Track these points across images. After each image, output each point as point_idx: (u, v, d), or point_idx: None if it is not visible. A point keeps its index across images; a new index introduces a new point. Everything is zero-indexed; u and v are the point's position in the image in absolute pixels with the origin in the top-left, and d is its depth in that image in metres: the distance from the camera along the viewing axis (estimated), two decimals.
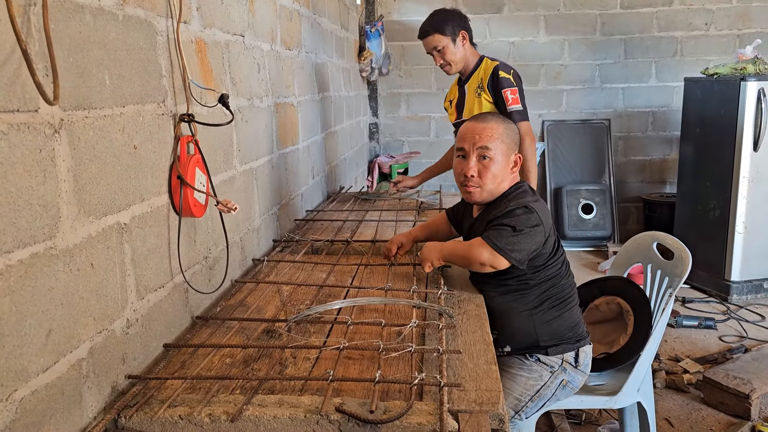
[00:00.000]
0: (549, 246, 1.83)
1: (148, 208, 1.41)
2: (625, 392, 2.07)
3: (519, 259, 1.75)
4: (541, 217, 1.77)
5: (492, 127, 1.86)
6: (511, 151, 1.88)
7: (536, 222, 1.76)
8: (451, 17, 2.88)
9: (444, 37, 2.83)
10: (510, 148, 1.87)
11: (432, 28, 2.85)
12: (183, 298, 1.60)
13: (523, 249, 1.75)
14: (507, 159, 1.87)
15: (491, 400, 1.22)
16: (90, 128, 1.18)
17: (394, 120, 5.84)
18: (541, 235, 1.77)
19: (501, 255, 1.75)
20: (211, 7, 1.82)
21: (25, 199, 1.00)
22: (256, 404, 1.19)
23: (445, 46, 2.84)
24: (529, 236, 1.75)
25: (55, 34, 1.05)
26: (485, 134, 1.84)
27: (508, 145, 1.87)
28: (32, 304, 1.01)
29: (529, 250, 1.77)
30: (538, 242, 1.77)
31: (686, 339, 3.68)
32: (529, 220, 1.76)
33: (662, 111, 5.67)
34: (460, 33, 2.83)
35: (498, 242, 1.75)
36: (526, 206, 1.78)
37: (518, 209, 1.78)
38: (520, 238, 1.74)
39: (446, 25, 2.83)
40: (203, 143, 1.64)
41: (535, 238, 1.76)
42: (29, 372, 1.01)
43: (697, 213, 4.58)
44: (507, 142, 1.87)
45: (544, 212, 1.81)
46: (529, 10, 5.54)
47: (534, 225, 1.76)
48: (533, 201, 1.82)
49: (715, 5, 5.43)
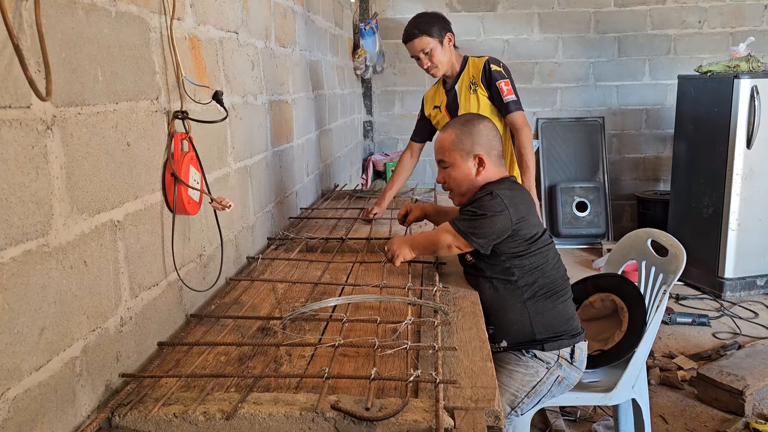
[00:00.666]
0: (525, 232, 1.84)
1: (141, 205, 1.40)
2: (620, 389, 2.08)
3: (480, 242, 1.82)
4: (506, 203, 1.81)
5: (444, 138, 1.96)
6: (470, 155, 1.93)
7: (499, 208, 1.80)
8: (436, 20, 2.88)
9: (432, 39, 2.82)
10: (467, 152, 1.93)
11: (419, 30, 2.83)
12: (177, 296, 1.60)
13: (483, 233, 1.81)
14: (466, 163, 1.93)
15: (487, 397, 1.22)
16: (83, 125, 1.17)
17: (388, 118, 5.84)
18: (505, 220, 1.80)
19: (462, 237, 1.83)
20: (204, 4, 1.81)
21: (18, 196, 0.99)
22: (251, 402, 1.18)
23: (433, 48, 2.83)
24: (491, 220, 1.81)
25: (47, 29, 1.04)
26: (440, 147, 1.98)
27: (465, 150, 1.93)
28: (25, 302, 1.00)
29: (492, 234, 1.81)
30: (502, 227, 1.81)
31: (680, 336, 3.69)
32: (491, 206, 1.81)
33: (656, 109, 5.69)
34: (446, 35, 2.83)
35: (460, 225, 1.84)
36: (490, 193, 1.84)
37: (484, 196, 1.85)
38: (481, 221, 1.81)
39: (433, 27, 2.82)
40: (197, 140, 1.64)
41: (497, 222, 1.81)
42: (22, 370, 1.00)
43: (691, 210, 4.60)
44: (462, 147, 1.93)
45: (512, 199, 1.83)
46: (523, 7, 5.55)
47: (497, 210, 1.80)
48: (502, 189, 1.86)
49: (708, 3, 5.44)
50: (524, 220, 1.84)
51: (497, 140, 1.98)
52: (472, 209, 1.85)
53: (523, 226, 1.83)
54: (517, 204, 1.84)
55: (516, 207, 1.83)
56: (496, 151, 1.96)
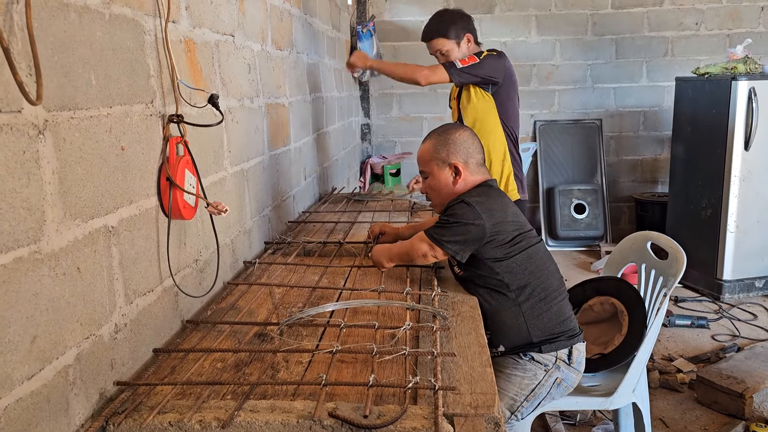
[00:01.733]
0: (503, 236, 1.84)
1: (136, 210, 1.38)
2: (621, 393, 2.06)
3: (454, 249, 1.85)
4: (479, 211, 1.82)
5: (423, 149, 2.02)
6: (445, 164, 1.96)
7: (472, 216, 1.82)
8: (455, 19, 2.88)
9: (448, 40, 2.83)
10: (443, 161, 1.96)
11: (436, 32, 2.84)
12: (173, 301, 1.58)
13: (456, 240, 1.84)
14: (443, 172, 1.96)
15: (487, 403, 1.20)
16: (76, 129, 1.15)
17: (386, 120, 5.82)
18: (479, 229, 1.82)
19: (437, 245, 1.88)
20: (200, 7, 1.80)
21: (8, 202, 0.97)
22: (247, 410, 1.16)
23: (449, 50, 2.84)
24: (464, 227, 1.83)
25: (38, 32, 1.03)
26: (419, 158, 2.03)
27: (441, 159, 1.97)
28: (16, 310, 0.99)
29: (464, 241, 1.84)
30: (477, 235, 1.83)
31: (679, 338, 3.68)
32: (463, 214, 1.83)
33: (653, 111, 5.69)
34: (464, 36, 2.84)
35: (434, 233, 1.89)
36: (463, 201, 1.87)
37: (457, 204, 1.88)
38: (454, 229, 1.84)
39: (450, 28, 2.83)
40: (193, 144, 1.62)
41: (471, 230, 1.83)
42: (13, 380, 0.98)
43: (689, 212, 4.59)
44: (437, 157, 1.97)
45: (485, 205, 1.85)
46: (521, 10, 5.54)
47: (469, 219, 1.82)
48: (474, 196, 1.88)
49: (706, 5, 5.45)
50: (501, 224, 1.85)
51: (476, 148, 1.99)
52: (445, 218, 1.89)
53: (500, 230, 1.84)
54: (492, 209, 1.85)
55: (490, 213, 1.84)
56: (475, 159, 1.98)
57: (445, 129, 2.03)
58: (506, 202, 1.96)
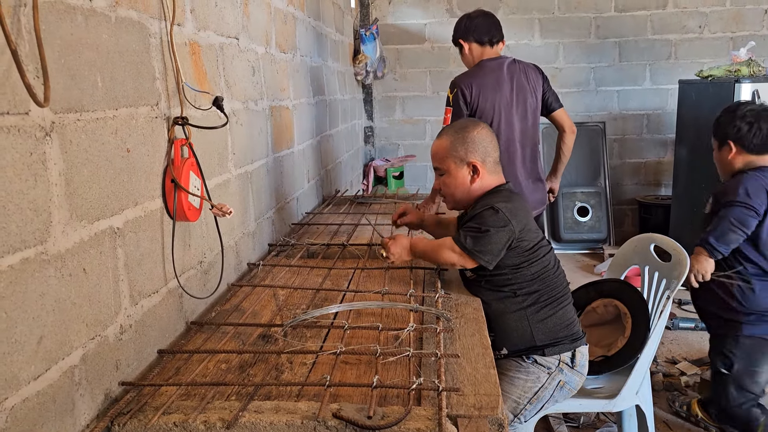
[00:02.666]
0: (526, 243, 1.83)
1: (141, 212, 1.39)
2: (624, 395, 2.06)
3: (487, 259, 1.81)
4: (508, 217, 1.80)
5: (438, 145, 1.96)
6: (463, 162, 1.92)
7: (502, 222, 1.79)
8: (455, 28, 2.99)
9: (457, 47, 3.00)
10: (460, 159, 1.92)
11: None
12: (177, 303, 1.58)
13: (489, 249, 1.80)
14: (461, 170, 1.92)
15: (490, 405, 1.20)
16: (82, 131, 1.16)
17: (389, 123, 5.83)
18: (507, 233, 1.80)
19: (469, 256, 1.82)
20: (205, 10, 1.81)
21: (16, 203, 0.98)
22: (252, 410, 1.17)
23: (460, 56, 3.03)
24: (495, 236, 1.79)
25: (45, 35, 1.04)
26: (434, 154, 1.98)
27: (459, 156, 1.92)
28: (23, 311, 0.99)
29: (497, 250, 1.80)
30: (506, 241, 1.80)
31: (683, 341, 3.67)
32: (494, 221, 1.80)
33: (657, 113, 5.69)
34: (459, 42, 2.93)
35: (466, 243, 1.82)
36: (492, 207, 1.82)
37: (485, 211, 1.83)
38: (486, 238, 1.79)
39: (454, 37, 2.99)
40: (197, 146, 1.63)
41: (501, 237, 1.80)
42: (20, 380, 0.99)
43: (693, 215, 4.58)
44: (455, 155, 1.92)
45: (512, 211, 1.82)
46: (524, 13, 5.55)
47: (500, 225, 1.79)
48: (502, 201, 1.84)
49: (709, 8, 5.45)
50: (525, 231, 1.83)
51: (493, 146, 1.95)
52: (475, 225, 1.82)
53: (524, 236, 1.83)
54: (518, 214, 1.83)
55: (517, 218, 1.81)
56: (492, 158, 1.93)
57: (462, 126, 1.97)
58: (528, 208, 1.94)
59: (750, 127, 2.37)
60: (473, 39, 2.90)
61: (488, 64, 2.88)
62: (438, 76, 5.65)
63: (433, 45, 5.58)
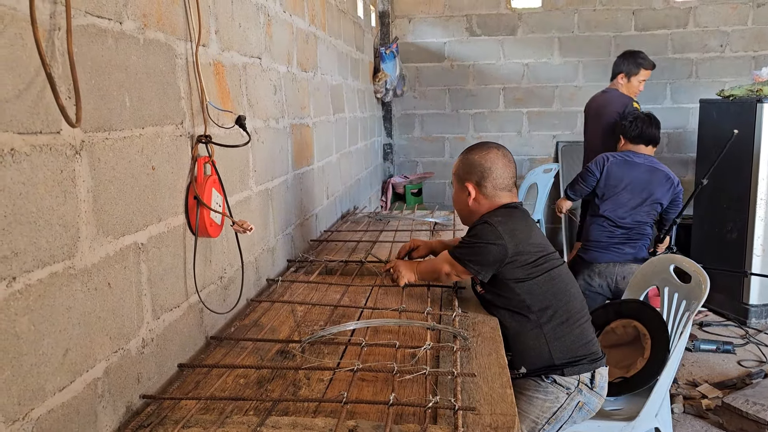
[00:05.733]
0: (526, 257, 1.84)
1: (164, 228, 1.42)
2: (643, 417, 2.04)
3: (476, 269, 1.87)
4: (501, 232, 1.83)
5: (455, 163, 2.06)
6: (462, 182, 1.99)
7: (493, 237, 1.84)
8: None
9: None
10: (461, 178, 1.99)
11: None
12: (198, 317, 1.61)
13: (478, 260, 1.86)
14: (462, 190, 2.00)
15: (506, 425, 1.20)
16: (110, 150, 1.20)
17: (408, 141, 5.86)
18: (500, 249, 1.83)
19: (459, 264, 1.91)
20: (229, 31, 1.85)
21: (46, 219, 1.01)
22: (270, 426, 1.18)
23: None
24: (485, 248, 1.84)
25: (78, 57, 1.07)
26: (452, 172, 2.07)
27: (460, 176, 2.00)
28: (50, 324, 1.02)
29: (486, 261, 1.85)
30: (497, 255, 1.83)
31: (704, 363, 3.62)
32: (485, 235, 1.85)
33: (677, 132, 5.65)
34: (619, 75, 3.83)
35: (457, 253, 1.92)
36: (486, 222, 1.88)
37: (479, 224, 1.90)
38: (476, 248, 1.87)
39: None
40: (220, 164, 1.66)
41: (491, 251, 1.84)
42: (46, 391, 1.01)
43: (714, 235, 4.53)
44: (459, 174, 2.01)
45: (507, 226, 1.85)
46: (543, 32, 5.57)
47: (491, 240, 1.84)
48: (497, 218, 1.88)
49: (731, 27, 5.42)
50: (523, 245, 1.84)
51: (499, 170, 1.94)
52: (468, 238, 1.92)
53: (522, 251, 1.84)
54: (514, 230, 1.85)
55: (512, 234, 1.84)
56: (494, 183, 1.93)
57: (472, 148, 2.02)
58: (530, 223, 1.95)
59: (631, 124, 3.26)
60: (627, 73, 3.92)
61: None
62: (457, 94, 5.68)
63: (453, 63, 5.61)
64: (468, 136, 5.71)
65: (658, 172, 3.20)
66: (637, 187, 3.14)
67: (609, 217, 3.18)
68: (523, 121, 5.73)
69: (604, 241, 3.18)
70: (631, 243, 3.17)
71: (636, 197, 3.15)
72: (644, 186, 3.15)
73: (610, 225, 3.18)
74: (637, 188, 3.14)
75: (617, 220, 3.17)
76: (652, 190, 3.15)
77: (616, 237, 3.17)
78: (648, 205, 3.17)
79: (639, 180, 3.15)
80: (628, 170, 3.16)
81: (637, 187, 3.14)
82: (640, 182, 3.15)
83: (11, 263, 0.94)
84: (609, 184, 3.16)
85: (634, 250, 3.17)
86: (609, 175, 3.15)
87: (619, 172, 3.15)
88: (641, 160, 3.20)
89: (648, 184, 3.15)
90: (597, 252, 3.19)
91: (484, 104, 5.69)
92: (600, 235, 3.20)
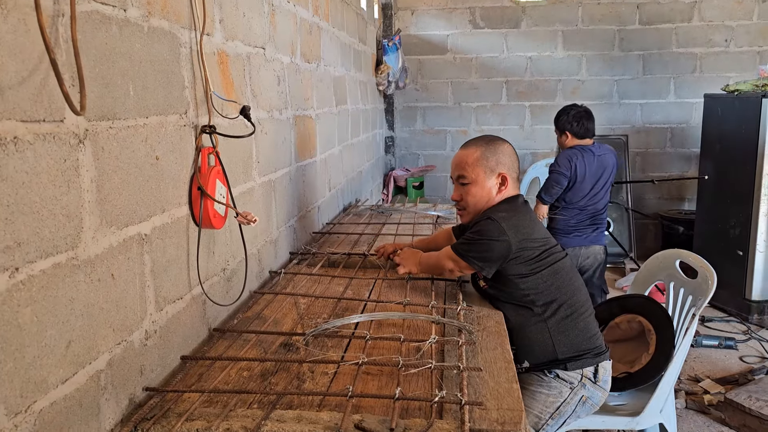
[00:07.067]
0: (530, 252, 1.83)
1: (168, 219, 1.41)
2: (648, 413, 2.03)
3: (480, 265, 1.86)
4: (505, 228, 1.82)
5: (466, 154, 1.97)
6: (493, 172, 1.94)
7: (497, 233, 1.82)
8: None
9: None
10: (491, 168, 1.94)
11: None
12: (201, 309, 1.59)
13: (482, 257, 1.85)
14: (488, 179, 1.94)
15: (513, 420, 1.19)
16: (114, 139, 1.18)
17: (410, 133, 5.84)
18: (504, 245, 1.81)
19: (462, 260, 1.89)
20: (233, 20, 1.83)
21: (49, 209, 1.00)
22: (275, 419, 1.17)
23: None
24: (489, 245, 1.83)
25: (82, 44, 1.05)
26: (461, 163, 1.97)
27: (489, 167, 1.94)
28: (53, 315, 1.01)
29: (490, 258, 1.84)
30: (500, 251, 1.82)
31: (706, 359, 3.61)
32: (488, 231, 1.83)
33: (681, 127, 5.63)
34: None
35: (460, 249, 1.90)
36: (489, 217, 1.86)
37: (483, 220, 1.88)
38: (479, 245, 1.85)
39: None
40: (223, 155, 1.64)
41: (495, 247, 1.82)
42: (48, 383, 1.00)
43: (717, 231, 4.52)
44: (486, 164, 1.94)
45: (510, 221, 1.84)
46: (547, 25, 5.54)
47: (495, 236, 1.82)
48: (500, 213, 1.87)
49: (736, 22, 5.39)
50: (527, 240, 1.83)
51: (517, 163, 2.01)
52: (471, 234, 1.89)
53: (526, 246, 1.83)
54: (518, 226, 1.84)
55: (516, 230, 1.83)
56: (516, 174, 1.98)
57: (491, 139, 2.00)
58: (532, 217, 1.94)
59: (577, 122, 3.53)
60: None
61: None
62: (459, 87, 5.66)
63: (456, 56, 5.59)
64: (470, 130, 5.69)
65: (605, 151, 3.57)
66: (597, 173, 3.48)
67: (575, 205, 3.50)
68: (525, 115, 5.70)
69: (571, 228, 3.50)
70: (593, 227, 3.53)
71: (597, 183, 3.49)
72: (601, 170, 3.50)
73: (575, 212, 3.50)
74: (596, 174, 3.48)
75: (582, 207, 3.50)
76: (605, 166, 3.50)
77: (581, 223, 3.50)
78: (606, 184, 3.52)
79: (595, 166, 3.48)
80: (588, 161, 3.48)
81: (597, 173, 3.48)
82: (597, 167, 3.49)
83: (14, 253, 0.92)
84: (576, 178, 3.47)
85: (596, 233, 3.54)
86: (576, 170, 3.46)
87: (581, 166, 3.46)
88: (593, 149, 3.54)
89: (602, 166, 3.50)
90: (565, 238, 3.47)
91: (486, 97, 5.67)
92: (566, 223, 3.52)
